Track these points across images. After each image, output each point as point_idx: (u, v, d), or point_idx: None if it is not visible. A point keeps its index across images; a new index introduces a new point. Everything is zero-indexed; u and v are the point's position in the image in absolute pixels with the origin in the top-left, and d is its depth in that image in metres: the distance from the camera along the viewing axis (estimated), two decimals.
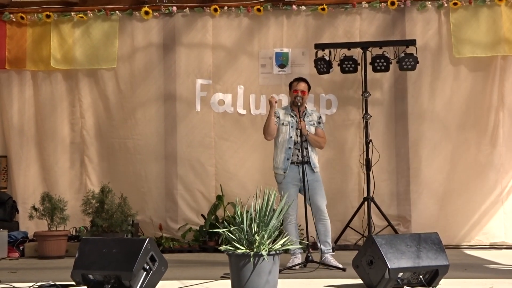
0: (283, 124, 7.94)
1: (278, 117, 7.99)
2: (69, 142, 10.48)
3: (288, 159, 7.85)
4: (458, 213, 9.86)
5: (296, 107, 7.87)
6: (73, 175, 10.48)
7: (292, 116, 7.94)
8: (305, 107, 8.09)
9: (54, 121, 10.46)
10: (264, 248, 5.61)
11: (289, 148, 7.86)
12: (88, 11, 10.32)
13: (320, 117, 8.16)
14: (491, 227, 9.81)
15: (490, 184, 9.86)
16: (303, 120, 7.89)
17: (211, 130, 10.28)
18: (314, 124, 8.01)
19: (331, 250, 7.85)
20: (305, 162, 7.76)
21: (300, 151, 7.76)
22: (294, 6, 10.08)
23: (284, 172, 7.84)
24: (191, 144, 10.26)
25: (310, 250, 7.58)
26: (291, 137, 7.87)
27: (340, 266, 7.57)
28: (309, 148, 7.89)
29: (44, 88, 10.48)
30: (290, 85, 8.13)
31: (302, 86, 8.00)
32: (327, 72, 9.63)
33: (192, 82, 10.28)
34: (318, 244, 7.83)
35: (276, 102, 7.95)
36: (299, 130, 7.77)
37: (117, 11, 10.32)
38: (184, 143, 10.26)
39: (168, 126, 10.32)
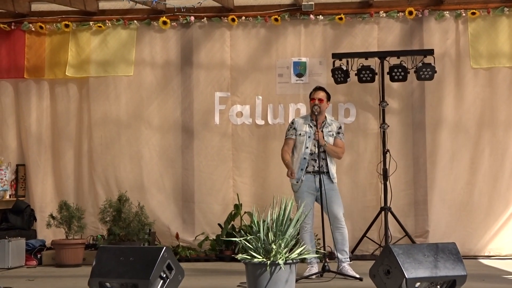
0: (300, 134, 7.95)
1: (295, 128, 8.00)
2: (85, 151, 10.52)
3: (302, 169, 7.85)
4: (476, 223, 9.80)
5: (314, 115, 7.87)
6: (90, 183, 10.50)
7: (311, 126, 7.94)
8: (325, 116, 8.08)
9: (71, 130, 10.51)
10: (280, 257, 5.61)
11: (304, 158, 7.86)
12: (107, 21, 10.39)
13: (340, 127, 8.15)
14: (509, 238, 9.73)
15: (509, 195, 9.78)
16: (322, 130, 7.89)
17: (229, 142, 10.29)
18: (333, 134, 8.00)
19: (348, 259, 7.83)
20: (322, 172, 7.76)
21: (317, 161, 7.75)
22: (311, 16, 10.09)
23: (297, 182, 7.84)
24: (208, 155, 10.28)
25: (327, 259, 7.56)
26: (307, 147, 7.87)
27: (357, 275, 7.55)
28: (327, 159, 7.90)
29: (61, 97, 10.54)
30: (310, 95, 8.15)
31: (319, 94, 8.00)
32: (345, 81, 9.62)
33: (210, 94, 10.31)
34: (335, 253, 7.82)
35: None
36: (316, 141, 7.76)
37: (135, 21, 10.38)
38: (202, 154, 10.28)
39: (186, 138, 10.34)
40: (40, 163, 10.51)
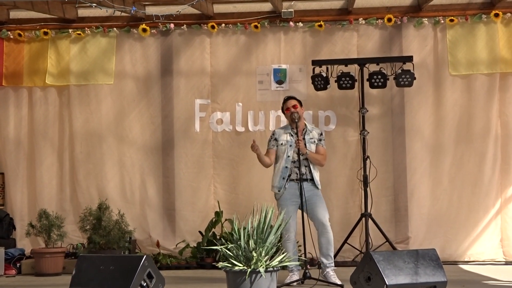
0: (281, 144, 7.94)
1: (276, 139, 7.99)
2: (66, 159, 10.45)
3: (284, 178, 7.83)
4: (456, 229, 9.85)
5: (294, 123, 7.87)
6: (71, 191, 10.43)
7: (292, 135, 7.93)
8: (305, 124, 8.09)
9: (50, 138, 10.44)
10: (261, 265, 5.61)
11: (286, 167, 7.85)
12: (86, 28, 10.35)
13: (321, 134, 8.15)
14: (489, 243, 9.79)
15: (488, 200, 9.83)
16: (303, 138, 7.90)
17: (209, 149, 10.28)
18: (314, 141, 8.01)
19: (332, 264, 7.81)
20: (304, 179, 7.75)
21: (300, 169, 7.73)
22: (291, 23, 10.11)
23: (279, 191, 7.83)
24: (189, 162, 10.25)
25: (308, 266, 7.56)
26: (288, 156, 7.87)
27: (339, 282, 7.56)
28: (310, 166, 7.89)
29: (40, 105, 10.46)
30: (282, 108, 8.16)
31: (292, 103, 8.03)
32: (324, 88, 9.64)
33: (190, 102, 10.29)
34: (320, 258, 7.79)
35: (256, 148, 7.88)
36: (298, 149, 7.76)
37: (114, 28, 10.35)
38: (182, 162, 10.26)
39: (166, 145, 10.32)
40: (19, 171, 10.43)
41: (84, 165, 10.38)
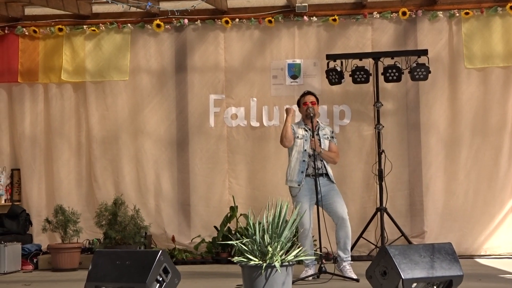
0: (298, 137, 7.94)
1: (294, 131, 7.98)
2: (82, 155, 10.50)
3: (302, 172, 7.83)
4: (472, 223, 9.81)
5: (309, 119, 7.86)
6: (85, 187, 10.49)
7: (306, 130, 7.93)
8: (317, 121, 8.09)
9: (66, 134, 10.49)
10: (277, 260, 5.61)
11: (303, 161, 7.85)
12: (100, 24, 10.38)
13: (332, 132, 8.17)
14: (505, 237, 9.75)
15: (504, 194, 9.80)
16: (317, 134, 7.89)
17: (224, 144, 10.29)
18: (328, 137, 8.01)
19: (349, 258, 7.80)
20: (319, 174, 7.75)
21: (315, 164, 7.74)
22: (305, 17, 10.10)
23: (299, 185, 7.81)
24: (203, 158, 10.27)
25: (324, 261, 7.55)
26: (305, 150, 7.87)
27: (354, 276, 7.56)
28: (324, 161, 7.89)
29: (55, 101, 10.51)
30: (299, 102, 8.15)
31: (311, 98, 8.04)
32: (339, 82, 9.61)
33: (205, 97, 10.31)
34: (337, 252, 7.78)
35: (292, 113, 7.99)
36: (313, 145, 7.76)
37: (129, 24, 10.37)
38: (197, 157, 10.28)
39: (181, 140, 10.34)
40: (35, 167, 10.48)
41: (100, 161, 10.41)
